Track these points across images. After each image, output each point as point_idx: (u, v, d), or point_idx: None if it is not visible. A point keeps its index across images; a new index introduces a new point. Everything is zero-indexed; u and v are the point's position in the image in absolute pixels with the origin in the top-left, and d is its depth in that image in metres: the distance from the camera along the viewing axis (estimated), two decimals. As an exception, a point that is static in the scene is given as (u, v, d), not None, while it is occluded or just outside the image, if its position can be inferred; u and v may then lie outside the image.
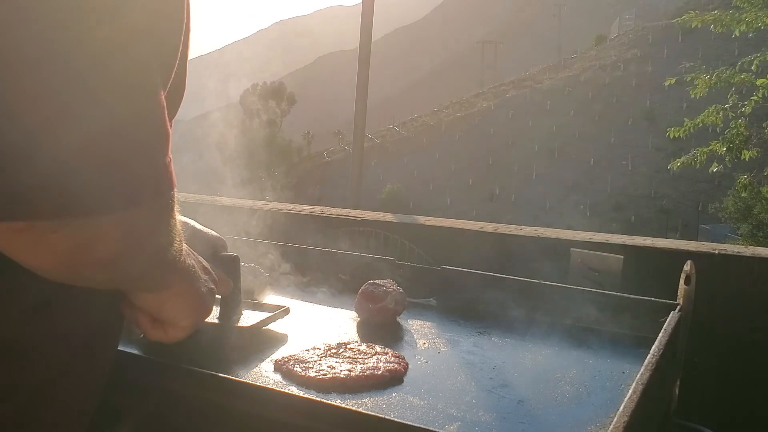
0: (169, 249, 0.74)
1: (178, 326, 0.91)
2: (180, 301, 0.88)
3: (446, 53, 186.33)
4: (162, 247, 0.71)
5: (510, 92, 62.77)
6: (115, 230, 0.60)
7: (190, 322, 0.92)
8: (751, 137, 9.16)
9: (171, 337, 0.93)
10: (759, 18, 8.76)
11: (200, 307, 0.93)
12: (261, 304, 1.38)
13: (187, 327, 0.93)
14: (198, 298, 0.91)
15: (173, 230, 0.71)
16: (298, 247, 1.77)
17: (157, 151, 0.61)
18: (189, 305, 0.90)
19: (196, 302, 0.91)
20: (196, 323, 0.94)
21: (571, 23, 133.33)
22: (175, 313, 0.89)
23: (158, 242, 0.70)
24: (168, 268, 0.78)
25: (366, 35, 5.30)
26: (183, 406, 1.00)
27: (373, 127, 59.89)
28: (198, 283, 0.91)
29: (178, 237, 0.75)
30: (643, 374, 0.98)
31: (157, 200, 0.63)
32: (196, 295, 0.91)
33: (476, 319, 1.45)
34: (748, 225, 21.67)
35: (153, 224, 0.65)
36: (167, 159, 0.63)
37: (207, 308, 0.95)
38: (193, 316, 0.92)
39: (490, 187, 49.97)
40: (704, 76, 9.11)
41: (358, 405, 1.00)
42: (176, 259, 0.78)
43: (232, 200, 2.64)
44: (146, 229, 0.65)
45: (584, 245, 1.78)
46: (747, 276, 1.67)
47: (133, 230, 0.62)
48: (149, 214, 0.63)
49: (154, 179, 0.61)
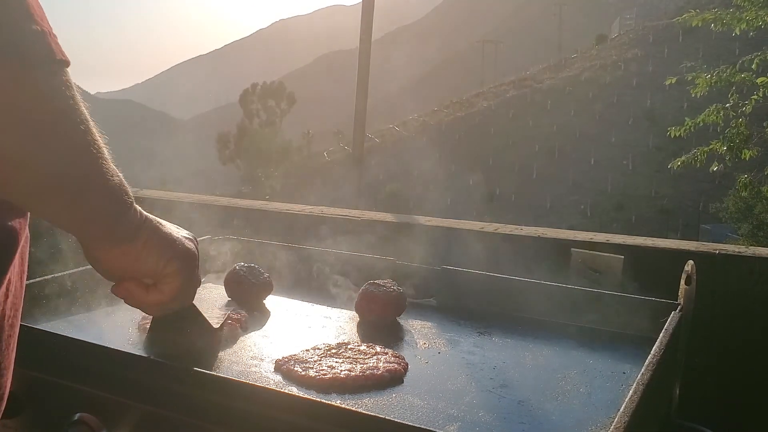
0: (88, 149, 0.69)
1: (166, 276, 0.87)
2: (153, 246, 0.84)
3: (446, 53, 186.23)
4: (74, 141, 0.68)
5: (510, 92, 62.76)
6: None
7: (174, 266, 0.87)
8: (752, 136, 9.15)
9: (168, 292, 0.89)
10: (759, 17, 8.75)
11: (180, 247, 0.88)
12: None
13: (175, 274, 0.88)
14: (174, 240, 0.87)
15: (78, 114, 0.68)
16: (298, 247, 1.77)
17: (10, 15, 0.61)
18: (167, 249, 0.86)
19: (174, 245, 0.87)
20: (184, 266, 0.88)
21: (572, 23, 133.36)
22: (154, 261, 0.85)
23: (58, 120, 0.66)
24: (107, 189, 0.74)
25: (366, 35, 5.29)
26: (183, 406, 1.00)
27: (373, 126, 59.88)
28: (166, 227, 0.87)
29: (98, 146, 0.71)
30: (643, 375, 0.98)
31: (26, 63, 0.62)
32: (169, 239, 0.86)
33: (476, 319, 1.44)
34: (749, 225, 21.64)
35: (30, 91, 0.63)
36: (37, 26, 0.63)
37: (190, 251, 0.90)
38: (176, 259, 0.87)
39: (490, 187, 49.97)
40: (705, 75, 9.11)
41: (358, 405, 1.00)
42: (111, 182, 0.74)
43: (230, 200, 2.64)
44: (22, 95, 0.63)
45: (584, 245, 1.78)
46: (748, 276, 1.67)
47: (5, 90, 0.61)
48: (18, 79, 0.62)
49: (15, 41, 0.61)
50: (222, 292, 1.55)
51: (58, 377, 1.09)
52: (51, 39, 0.65)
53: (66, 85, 0.67)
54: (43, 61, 0.64)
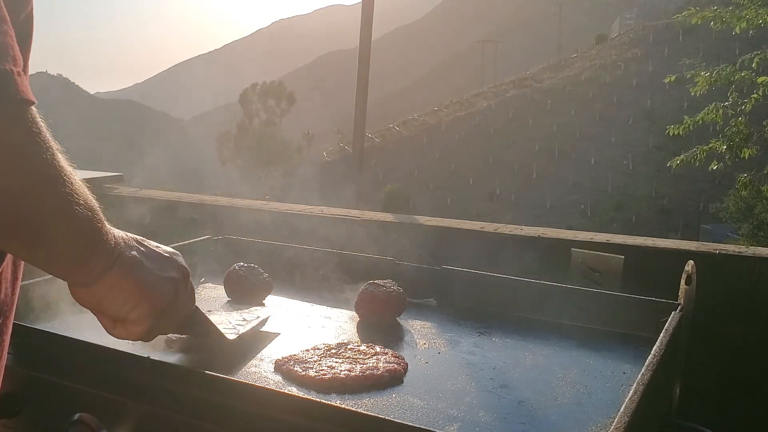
0: (51, 189, 0.69)
1: (131, 321, 0.85)
2: (120, 292, 0.82)
3: (446, 52, 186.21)
4: (31, 182, 0.67)
5: (510, 92, 62.70)
6: None
7: (139, 312, 0.84)
8: (752, 135, 9.14)
9: (132, 333, 0.87)
10: (759, 15, 8.75)
11: (149, 294, 0.85)
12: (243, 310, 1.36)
13: (140, 319, 0.85)
14: (144, 285, 0.84)
15: (42, 152, 0.67)
16: (298, 247, 1.77)
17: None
18: (133, 296, 0.83)
19: (142, 291, 0.84)
20: (152, 312, 0.86)
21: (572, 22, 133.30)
22: (118, 307, 0.82)
23: (18, 161, 0.65)
24: (74, 229, 0.73)
25: (366, 35, 5.29)
26: (183, 406, 1.00)
27: (373, 126, 59.81)
28: (140, 270, 0.84)
29: (62, 181, 0.70)
30: (644, 375, 0.98)
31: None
32: (139, 284, 0.83)
33: (476, 319, 1.44)
34: (749, 225, 21.64)
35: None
36: (4, 67, 0.63)
37: (161, 295, 0.86)
38: (142, 305, 0.84)
39: (490, 187, 49.94)
40: (704, 74, 9.11)
41: (358, 405, 1.00)
42: (77, 220, 0.72)
43: (231, 200, 2.64)
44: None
45: (585, 245, 1.78)
46: (748, 276, 1.67)
47: None
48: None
49: None
50: (222, 292, 1.55)
51: (58, 377, 1.09)
52: (14, 78, 0.64)
53: (27, 124, 0.66)
54: (2, 102, 0.64)
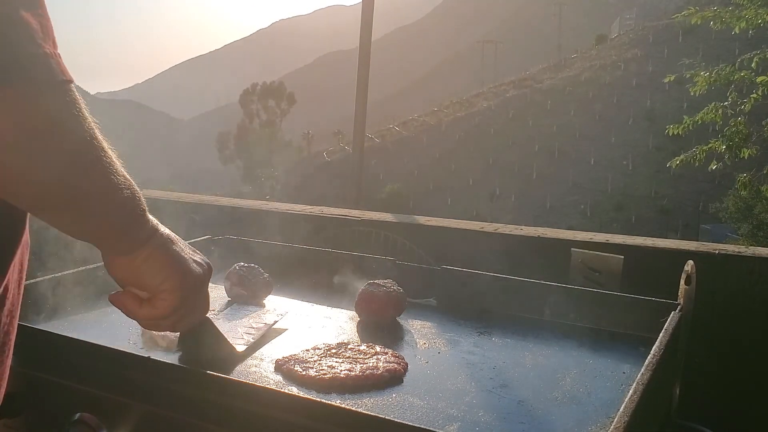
0: (94, 165, 0.72)
1: (160, 293, 0.87)
2: (155, 262, 0.85)
3: (446, 53, 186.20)
4: (78, 159, 0.70)
5: (510, 92, 62.70)
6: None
7: (171, 284, 0.87)
8: (751, 135, 9.14)
9: (161, 309, 0.88)
10: (759, 15, 8.75)
11: (181, 269, 0.88)
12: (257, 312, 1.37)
13: (171, 292, 0.87)
14: (177, 260, 0.88)
15: (84, 131, 0.70)
16: (298, 247, 1.77)
17: (12, 39, 0.63)
18: (167, 266, 0.86)
19: (176, 264, 0.87)
20: (182, 287, 0.88)
21: (572, 23, 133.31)
22: (152, 275, 0.86)
23: (64, 138, 0.68)
24: (114, 200, 0.76)
25: (366, 35, 5.30)
26: (183, 406, 1.00)
27: (373, 126, 59.79)
28: (175, 246, 0.88)
29: (106, 161, 0.73)
30: (643, 375, 0.98)
31: (29, 84, 0.64)
32: (173, 257, 0.87)
33: (476, 319, 1.44)
34: (749, 225, 21.64)
35: (33, 112, 0.65)
36: (40, 49, 0.65)
37: (192, 272, 0.90)
38: (174, 278, 0.87)
39: (490, 187, 49.93)
40: (704, 74, 9.11)
41: (358, 405, 1.00)
42: (120, 195, 0.76)
43: (231, 200, 2.64)
44: (29, 113, 0.65)
45: (584, 245, 1.78)
46: (747, 276, 1.67)
47: (11, 111, 0.63)
48: (21, 101, 0.64)
49: (17, 64, 0.63)
50: (222, 292, 1.55)
51: (58, 377, 1.10)
52: (53, 60, 0.67)
53: (71, 103, 0.69)
54: (45, 82, 0.66)
